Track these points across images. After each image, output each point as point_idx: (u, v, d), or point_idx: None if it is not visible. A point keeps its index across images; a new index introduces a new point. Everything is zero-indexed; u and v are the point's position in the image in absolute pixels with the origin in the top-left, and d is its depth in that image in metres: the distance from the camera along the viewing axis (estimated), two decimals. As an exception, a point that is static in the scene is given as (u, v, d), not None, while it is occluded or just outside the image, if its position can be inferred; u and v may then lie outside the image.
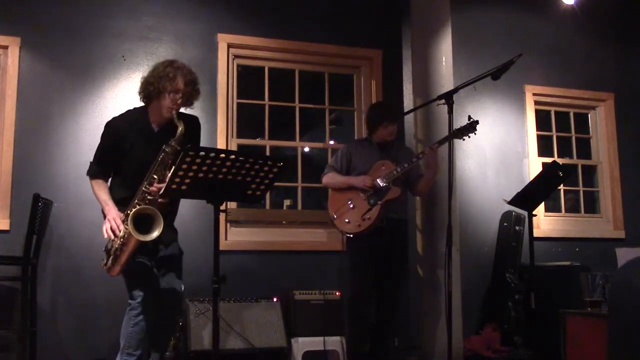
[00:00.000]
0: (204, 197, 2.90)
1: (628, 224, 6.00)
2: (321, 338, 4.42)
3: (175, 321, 3.70)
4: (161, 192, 3.02)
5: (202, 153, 2.70)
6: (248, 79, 5.36)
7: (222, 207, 2.89)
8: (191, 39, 5.03)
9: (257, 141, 5.44)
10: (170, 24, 5.01)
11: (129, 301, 3.26)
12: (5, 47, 4.62)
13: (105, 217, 3.24)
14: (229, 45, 5.13)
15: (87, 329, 4.49)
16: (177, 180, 2.78)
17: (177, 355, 4.20)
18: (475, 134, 4.10)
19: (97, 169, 3.36)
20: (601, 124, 6.20)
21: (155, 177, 3.15)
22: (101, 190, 3.32)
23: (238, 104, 5.18)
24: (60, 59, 4.72)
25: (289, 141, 5.55)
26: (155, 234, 3.10)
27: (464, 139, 4.15)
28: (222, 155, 2.76)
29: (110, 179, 3.41)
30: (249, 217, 5.09)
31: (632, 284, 1.64)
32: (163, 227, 3.13)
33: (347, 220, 4.20)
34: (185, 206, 4.41)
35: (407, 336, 4.99)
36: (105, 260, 3.27)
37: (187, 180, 2.78)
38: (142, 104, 3.39)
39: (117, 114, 3.46)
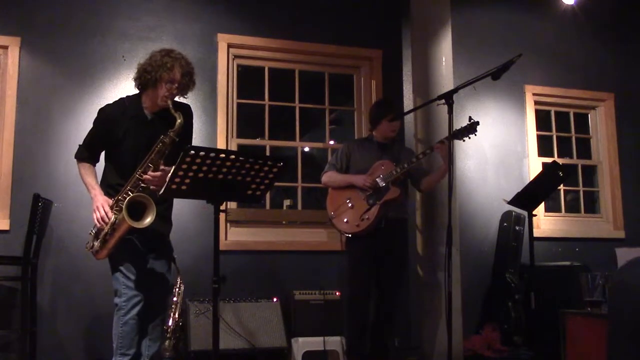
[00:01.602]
0: (204, 197, 2.91)
1: (628, 224, 5.99)
2: (321, 338, 4.43)
3: (165, 310, 3.68)
4: (161, 191, 3.02)
5: (202, 153, 2.71)
6: (248, 79, 5.35)
7: (222, 207, 2.89)
8: (191, 39, 5.03)
9: (257, 141, 5.44)
10: (170, 24, 5.01)
11: (115, 300, 3.26)
12: (5, 47, 4.62)
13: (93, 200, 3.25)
14: (229, 45, 5.13)
15: (87, 329, 4.49)
16: (177, 180, 2.79)
17: (177, 355, 4.20)
18: (475, 134, 4.09)
19: (86, 154, 3.37)
20: (601, 124, 6.20)
21: (150, 165, 3.16)
22: (88, 174, 3.32)
23: (238, 104, 5.18)
24: (60, 59, 4.73)
25: (289, 141, 5.55)
26: (148, 220, 3.11)
27: (464, 140, 4.14)
28: (222, 155, 2.77)
29: (104, 163, 3.42)
30: (249, 217, 5.09)
31: (631, 284, 1.64)
32: (156, 217, 3.14)
33: (345, 219, 4.19)
34: (185, 206, 4.43)
35: (407, 336, 4.99)
36: (92, 243, 3.27)
37: (187, 180, 2.79)
38: (137, 90, 3.38)
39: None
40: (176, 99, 3.36)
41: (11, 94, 4.58)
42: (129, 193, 3.15)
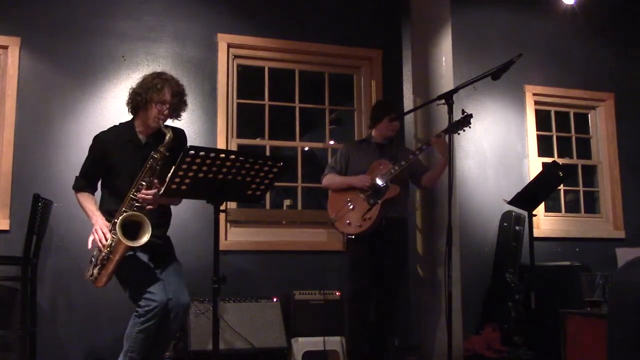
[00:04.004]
0: (204, 197, 2.91)
1: (628, 224, 5.99)
2: (321, 338, 4.43)
3: (182, 320, 3.63)
4: (161, 192, 3.03)
5: (202, 153, 2.71)
6: (248, 79, 5.35)
7: (222, 207, 2.89)
8: (191, 39, 5.03)
9: (257, 141, 5.44)
10: (170, 24, 5.01)
11: (137, 309, 3.21)
12: (5, 47, 4.62)
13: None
14: (229, 45, 5.13)
15: (87, 329, 4.49)
16: (177, 180, 2.79)
17: (177, 355, 4.20)
18: (469, 127, 4.09)
19: (84, 183, 3.40)
20: (601, 124, 6.20)
21: (143, 183, 3.18)
22: (87, 202, 3.36)
23: (238, 104, 5.18)
24: (60, 59, 4.72)
25: (289, 141, 5.55)
26: (144, 239, 3.11)
27: (459, 134, 4.14)
28: (222, 155, 2.77)
29: (101, 191, 3.45)
30: (249, 217, 5.09)
31: (631, 284, 1.64)
32: (159, 244, 3.17)
33: (348, 221, 4.20)
34: (185, 206, 4.42)
35: (407, 336, 4.99)
36: (91, 271, 3.28)
37: (187, 180, 2.79)
38: (131, 116, 3.44)
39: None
40: (170, 122, 3.39)
41: (11, 94, 4.58)
42: (124, 213, 3.16)
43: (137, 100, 3.31)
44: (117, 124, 3.50)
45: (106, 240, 3.16)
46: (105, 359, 4.31)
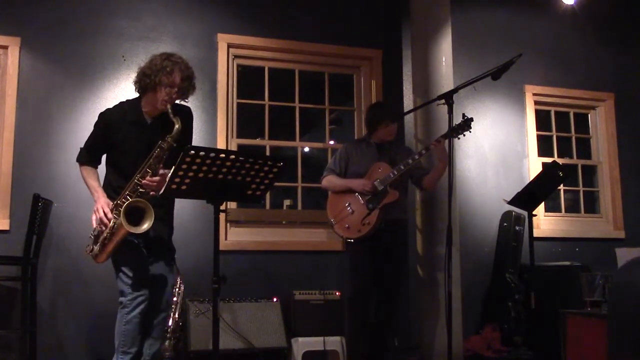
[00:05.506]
0: (204, 197, 2.91)
1: (628, 224, 5.99)
2: (321, 338, 4.43)
3: (168, 309, 3.66)
4: (161, 192, 3.03)
5: (202, 153, 2.71)
6: (248, 79, 5.35)
7: (222, 207, 2.90)
8: (191, 39, 5.03)
9: (257, 141, 5.44)
10: (170, 24, 5.01)
11: (120, 299, 3.27)
12: (5, 47, 4.62)
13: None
14: (229, 45, 5.13)
15: (87, 329, 4.49)
16: (177, 180, 2.79)
17: (177, 355, 4.19)
18: (470, 131, 4.09)
19: (87, 157, 3.40)
20: (601, 124, 6.20)
21: (149, 170, 3.18)
22: (90, 177, 3.35)
23: (238, 104, 5.18)
24: (60, 59, 4.72)
25: (289, 141, 5.55)
26: (145, 226, 3.13)
27: (459, 138, 4.14)
28: (222, 155, 2.77)
29: (105, 167, 3.45)
30: (249, 217, 5.09)
31: (632, 284, 1.64)
32: (157, 223, 3.18)
33: (347, 225, 4.20)
34: (185, 206, 4.43)
35: (407, 336, 4.99)
36: (92, 247, 3.30)
37: (187, 180, 2.79)
38: (137, 94, 3.41)
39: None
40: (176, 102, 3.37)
41: (11, 94, 4.58)
42: (128, 198, 3.17)
43: (146, 82, 3.27)
44: (124, 100, 3.47)
45: (108, 220, 3.17)
46: (105, 359, 4.31)
